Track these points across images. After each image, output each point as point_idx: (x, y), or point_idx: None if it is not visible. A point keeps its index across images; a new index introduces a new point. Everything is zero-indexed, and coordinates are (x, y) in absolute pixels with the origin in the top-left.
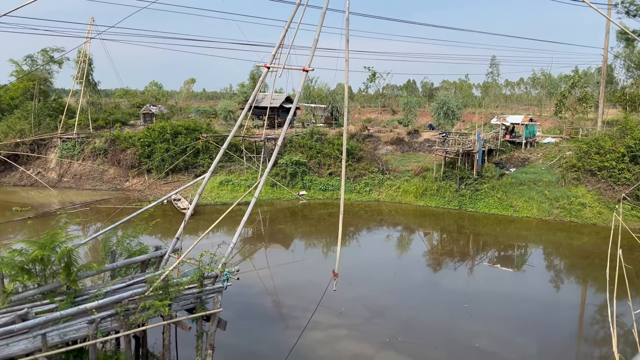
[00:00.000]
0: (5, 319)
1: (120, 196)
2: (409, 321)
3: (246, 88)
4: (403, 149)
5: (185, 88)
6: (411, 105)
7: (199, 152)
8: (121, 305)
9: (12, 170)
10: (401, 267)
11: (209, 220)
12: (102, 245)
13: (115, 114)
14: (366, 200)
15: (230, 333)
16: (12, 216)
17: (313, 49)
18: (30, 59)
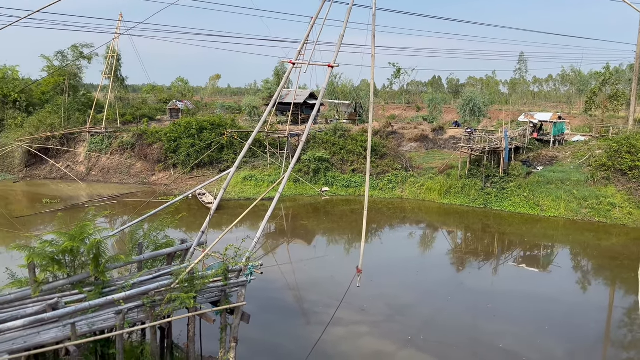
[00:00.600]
0: (37, 307)
1: (147, 190)
2: (432, 320)
3: (270, 84)
4: (427, 146)
5: (211, 84)
6: (436, 102)
7: (224, 147)
8: (148, 297)
9: (42, 163)
10: (424, 265)
11: (232, 215)
12: (130, 238)
13: (142, 109)
14: (389, 197)
15: (253, 327)
16: (43, 208)
17: (339, 45)
18: (61, 55)
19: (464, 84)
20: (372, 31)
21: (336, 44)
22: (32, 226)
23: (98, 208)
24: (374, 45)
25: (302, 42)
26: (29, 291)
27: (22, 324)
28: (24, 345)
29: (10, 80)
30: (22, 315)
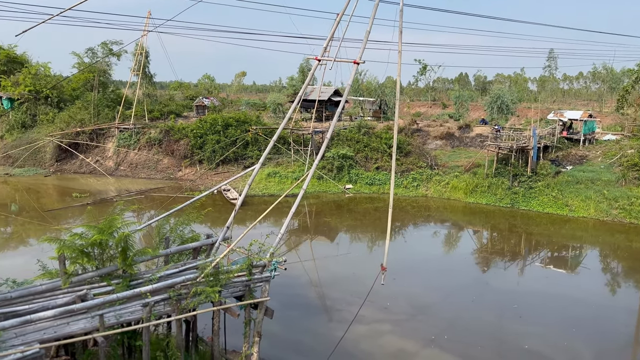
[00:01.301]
0: (66, 298)
1: (173, 185)
2: (456, 319)
3: (295, 81)
4: (453, 143)
5: (236, 81)
6: (463, 99)
7: (248, 144)
8: (174, 290)
9: (72, 158)
10: (448, 264)
11: (256, 210)
12: (157, 232)
13: (169, 106)
14: (413, 195)
15: (275, 322)
16: (72, 202)
17: (365, 41)
18: (91, 52)
19: (491, 81)
20: (399, 27)
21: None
22: (62, 219)
23: (126, 202)
24: (401, 41)
25: (328, 39)
26: (59, 282)
27: (52, 314)
28: (54, 335)
29: (42, 76)
30: (53, 305)
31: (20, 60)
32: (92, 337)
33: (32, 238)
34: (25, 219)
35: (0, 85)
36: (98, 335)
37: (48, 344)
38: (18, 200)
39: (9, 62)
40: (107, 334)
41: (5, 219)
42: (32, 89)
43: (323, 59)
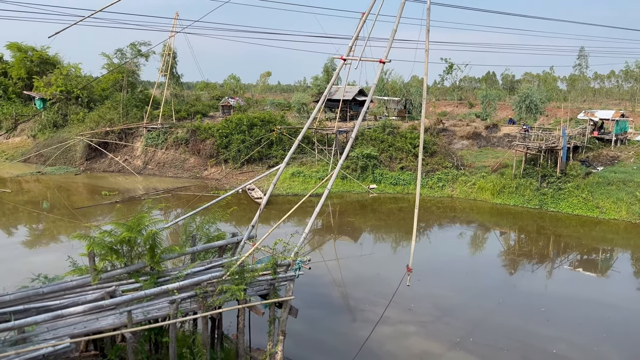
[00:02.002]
0: (96, 294)
1: (199, 184)
2: (481, 322)
3: (320, 81)
4: (480, 143)
5: (261, 81)
6: (490, 98)
7: (273, 143)
8: (200, 288)
9: (102, 157)
10: (474, 266)
11: (280, 210)
12: (183, 230)
13: (196, 106)
14: (438, 196)
15: (299, 321)
16: (101, 200)
17: (391, 40)
18: (120, 53)
19: (519, 80)
20: (427, 26)
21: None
22: (91, 217)
23: (153, 201)
24: (428, 40)
25: (354, 38)
26: (88, 279)
27: (82, 310)
28: (84, 330)
29: (73, 77)
30: (83, 301)
31: (52, 62)
32: (121, 332)
33: (62, 235)
34: (56, 216)
35: (34, 86)
36: (126, 331)
37: (78, 338)
38: (49, 198)
39: (41, 63)
40: (135, 330)
41: (37, 216)
42: (64, 90)
43: (349, 58)
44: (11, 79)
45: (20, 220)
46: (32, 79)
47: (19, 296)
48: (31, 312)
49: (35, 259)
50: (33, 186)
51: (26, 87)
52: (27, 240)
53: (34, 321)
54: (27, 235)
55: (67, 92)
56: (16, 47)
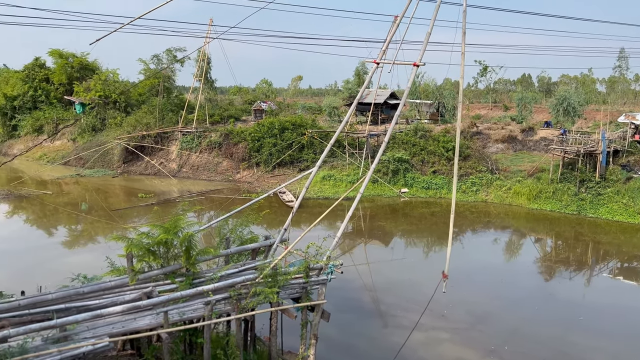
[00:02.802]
0: (133, 295)
1: (232, 187)
2: (517, 330)
3: (351, 84)
4: (515, 147)
5: (293, 85)
6: (526, 101)
7: (304, 147)
8: (234, 290)
9: (138, 160)
10: (509, 272)
11: (310, 213)
12: (217, 232)
13: (229, 110)
14: (472, 200)
15: (330, 325)
16: (138, 202)
17: (425, 43)
18: (157, 58)
19: (556, 82)
20: (463, 28)
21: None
22: (128, 218)
23: (188, 203)
24: (464, 42)
25: (387, 42)
26: (126, 279)
27: (121, 310)
28: (122, 329)
29: (111, 82)
30: (121, 301)
31: (91, 67)
32: (157, 332)
33: (100, 236)
34: (94, 218)
35: (74, 91)
36: (162, 332)
37: (116, 338)
38: (88, 200)
39: (81, 69)
40: (171, 330)
41: (76, 217)
42: (102, 95)
43: (382, 61)
44: (53, 84)
45: (60, 221)
46: (73, 84)
47: (60, 295)
48: (72, 311)
49: (73, 258)
50: (72, 188)
51: (67, 92)
52: (66, 240)
53: (75, 320)
54: (66, 235)
55: (106, 97)
56: (58, 54)
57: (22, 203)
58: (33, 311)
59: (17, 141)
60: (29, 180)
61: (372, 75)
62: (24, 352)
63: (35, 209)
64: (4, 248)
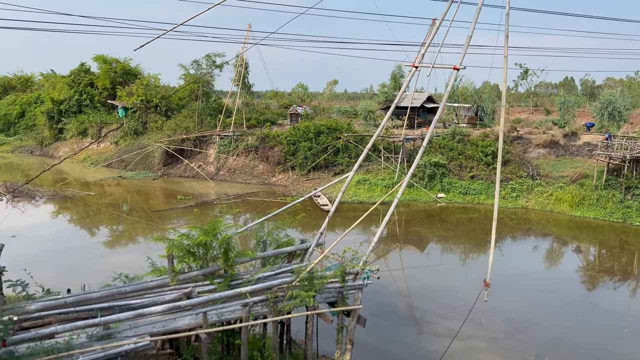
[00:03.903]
0: (174, 295)
1: (267, 190)
2: (558, 341)
3: (387, 88)
4: (558, 152)
5: (328, 89)
6: (569, 105)
7: (339, 151)
8: (271, 292)
9: (178, 162)
10: (550, 281)
11: (345, 217)
12: (255, 235)
13: (265, 114)
14: (512, 207)
15: (365, 331)
16: (177, 203)
17: (466, 46)
18: (196, 64)
19: (600, 85)
20: (506, 31)
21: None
22: (167, 219)
23: (226, 205)
24: (507, 46)
25: (426, 45)
26: (166, 279)
27: (161, 309)
28: (162, 329)
29: (152, 87)
30: (162, 301)
31: (134, 73)
32: (197, 333)
33: (140, 236)
34: (135, 219)
35: (117, 95)
36: (201, 332)
37: (157, 337)
38: (129, 201)
39: (124, 74)
40: (210, 330)
41: (118, 218)
42: (144, 99)
43: (421, 65)
44: (97, 89)
45: (102, 221)
46: (116, 88)
47: (103, 294)
48: (115, 309)
49: (115, 258)
50: (114, 190)
51: (110, 96)
52: (108, 240)
53: (117, 319)
54: (108, 235)
55: (147, 101)
56: (102, 59)
57: (66, 203)
58: (78, 309)
59: (63, 144)
60: (74, 181)
61: (410, 79)
62: (70, 349)
63: (79, 210)
64: (50, 247)
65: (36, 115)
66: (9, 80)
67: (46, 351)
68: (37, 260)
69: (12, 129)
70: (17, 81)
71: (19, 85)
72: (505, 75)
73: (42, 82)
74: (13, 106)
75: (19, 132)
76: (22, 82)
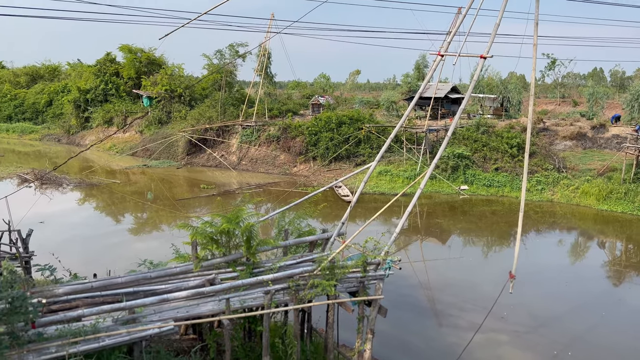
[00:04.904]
0: (197, 281)
1: (289, 180)
2: (582, 336)
3: (410, 78)
4: (585, 145)
5: (350, 79)
6: (597, 97)
7: (361, 141)
8: (293, 280)
9: (201, 152)
10: (575, 276)
11: (366, 208)
12: (276, 224)
13: (287, 104)
14: (537, 199)
15: (385, 321)
16: (200, 192)
17: (493, 35)
18: (220, 53)
19: (631, 76)
20: (535, 19)
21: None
22: (190, 208)
23: (249, 195)
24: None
25: (452, 33)
26: (190, 266)
27: (185, 295)
28: (186, 314)
29: (177, 77)
30: (185, 287)
31: (158, 62)
32: (219, 319)
33: (164, 224)
34: (159, 207)
35: (142, 85)
36: (224, 318)
37: (181, 322)
38: (153, 189)
39: (149, 63)
40: (232, 317)
41: (142, 206)
42: (168, 89)
43: (446, 54)
44: (122, 78)
45: (127, 209)
46: (141, 78)
47: (129, 279)
48: (140, 294)
49: (139, 245)
50: (139, 178)
51: (135, 86)
52: (132, 227)
53: (142, 303)
54: (132, 223)
55: (171, 91)
56: (127, 49)
57: (92, 191)
58: (104, 293)
59: (89, 132)
60: (99, 169)
61: (435, 68)
62: (96, 331)
63: (104, 197)
64: (76, 233)
65: (63, 104)
66: (37, 70)
67: (73, 333)
68: (64, 246)
69: (40, 118)
70: (45, 70)
71: (46, 75)
72: (534, 63)
73: (69, 72)
74: (41, 95)
75: (47, 120)
76: (49, 72)
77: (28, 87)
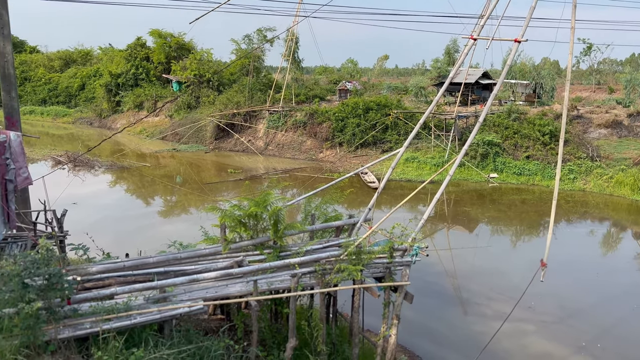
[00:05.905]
0: (225, 263)
1: (315, 166)
2: (612, 328)
3: (440, 63)
4: (620, 133)
5: (378, 65)
6: (635, 83)
7: (388, 128)
8: (319, 264)
9: (228, 137)
10: (606, 267)
11: (392, 195)
12: (303, 208)
13: (314, 90)
14: (569, 189)
15: (410, 308)
16: (227, 177)
17: (528, 18)
18: (248, 38)
19: None
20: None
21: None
22: (217, 192)
23: (276, 179)
24: (574, 17)
25: (486, 16)
26: (219, 248)
27: (214, 276)
28: (215, 294)
29: (205, 62)
30: (214, 268)
31: (187, 47)
32: (247, 300)
33: (192, 207)
34: (187, 190)
35: (171, 69)
36: (252, 299)
37: (210, 302)
38: (182, 173)
39: (178, 48)
40: (259, 298)
41: (171, 189)
42: (197, 73)
43: (479, 37)
44: (152, 63)
45: (156, 191)
46: (170, 63)
47: (160, 259)
48: (170, 274)
49: (168, 227)
50: (168, 161)
51: (165, 70)
52: (162, 210)
53: (173, 283)
54: (162, 205)
55: (200, 75)
56: (157, 34)
57: (123, 173)
58: (136, 272)
59: (120, 116)
60: (130, 152)
61: (468, 52)
62: (128, 309)
63: (134, 180)
64: (108, 214)
65: (95, 88)
66: (70, 54)
67: (107, 310)
68: (96, 226)
69: (73, 101)
70: (77, 55)
71: (79, 59)
72: (571, 47)
73: (100, 56)
74: (74, 79)
75: (80, 104)
76: (82, 56)
77: (61, 72)
